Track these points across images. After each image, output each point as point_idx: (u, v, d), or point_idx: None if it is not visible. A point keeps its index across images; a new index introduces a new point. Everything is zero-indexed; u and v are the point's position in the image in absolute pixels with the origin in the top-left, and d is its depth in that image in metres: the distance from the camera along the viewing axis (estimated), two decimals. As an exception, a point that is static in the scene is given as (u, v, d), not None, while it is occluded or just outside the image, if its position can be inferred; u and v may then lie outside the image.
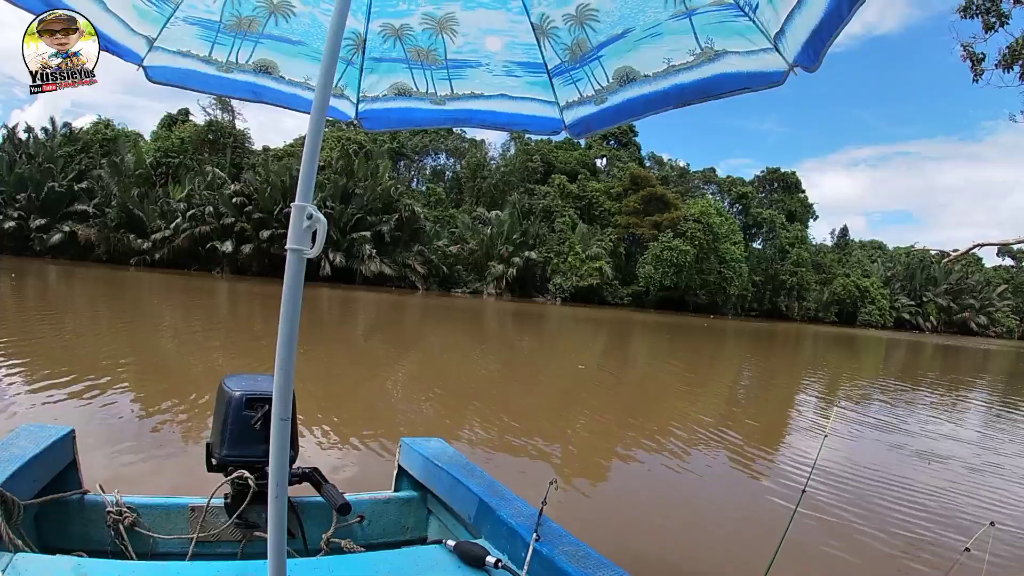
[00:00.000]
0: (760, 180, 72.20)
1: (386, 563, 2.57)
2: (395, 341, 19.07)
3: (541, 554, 2.47)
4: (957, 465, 10.48)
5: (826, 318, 69.14)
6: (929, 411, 16.67)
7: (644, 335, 34.21)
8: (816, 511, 6.97)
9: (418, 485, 3.51)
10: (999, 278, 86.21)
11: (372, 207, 40.08)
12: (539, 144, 57.87)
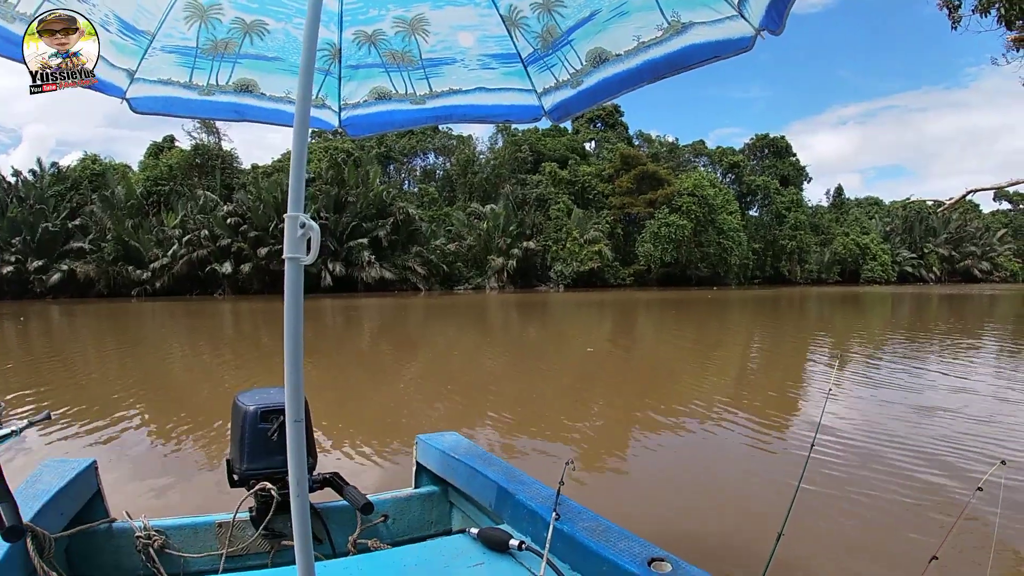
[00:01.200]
0: (750, 148, 72.09)
1: (413, 556, 2.62)
2: (402, 344, 19.15)
3: (562, 532, 2.52)
4: (969, 412, 10.36)
5: (829, 278, 69.22)
6: (938, 361, 16.59)
7: (650, 313, 34.20)
8: (828, 467, 7.02)
9: (438, 479, 3.55)
10: (998, 223, 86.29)
11: (366, 213, 40.17)
12: (526, 134, 57.81)
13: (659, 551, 2.37)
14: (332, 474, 3.08)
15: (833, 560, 5.03)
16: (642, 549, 2.39)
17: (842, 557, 5.12)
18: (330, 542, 3.02)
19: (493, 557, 2.62)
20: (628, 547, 2.42)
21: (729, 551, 4.91)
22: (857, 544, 5.33)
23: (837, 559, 5.07)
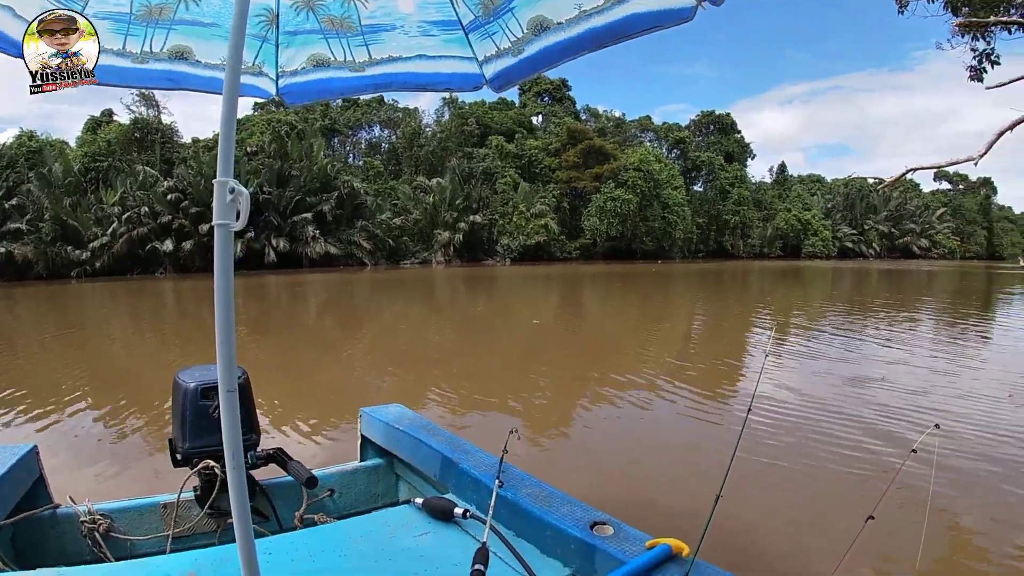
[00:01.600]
0: (696, 124, 73.37)
1: (358, 529, 2.65)
2: (349, 319, 19.26)
3: (506, 499, 2.63)
4: (903, 382, 11.04)
5: (771, 253, 71.48)
6: (876, 333, 17.50)
7: (595, 286, 35.05)
8: (768, 434, 7.47)
9: (383, 452, 3.62)
10: (937, 202, 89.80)
11: (310, 188, 39.87)
12: (473, 107, 57.91)
13: (601, 515, 2.50)
14: (276, 450, 3.07)
15: (772, 521, 5.37)
16: (584, 513, 2.51)
17: (780, 519, 5.47)
18: (276, 518, 3.04)
19: (438, 526, 2.68)
20: (571, 512, 2.53)
21: (670, 514, 5.18)
22: (796, 506, 5.76)
23: (775, 520, 5.40)
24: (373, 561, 2.38)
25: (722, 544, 4.39)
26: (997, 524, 5.40)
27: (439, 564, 2.38)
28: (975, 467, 6.55)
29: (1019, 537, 5.15)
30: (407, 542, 2.54)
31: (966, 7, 14.88)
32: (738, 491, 5.38)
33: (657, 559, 2.17)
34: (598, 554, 2.31)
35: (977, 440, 7.45)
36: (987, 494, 6.00)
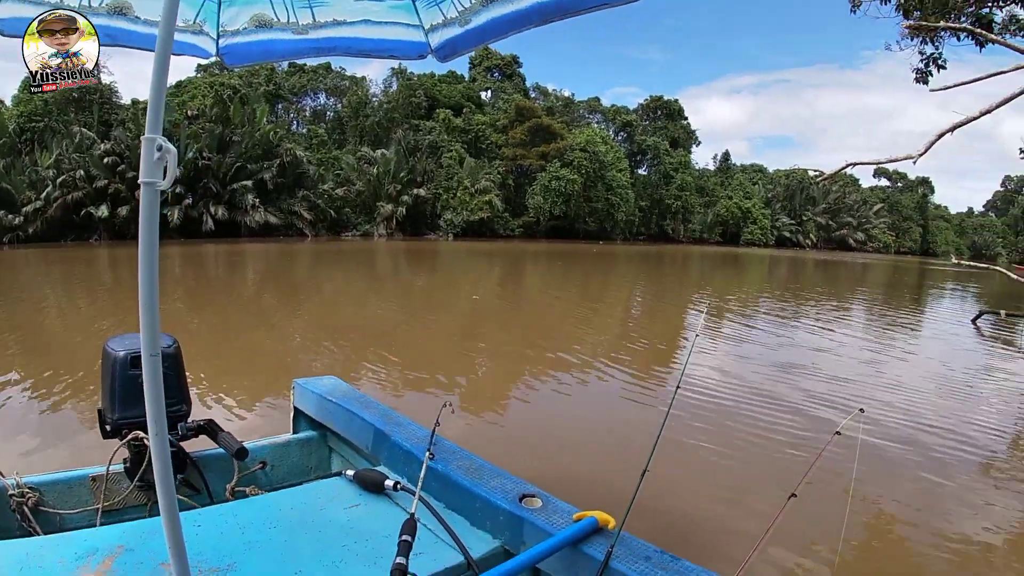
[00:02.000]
0: (644, 108, 74.42)
1: (288, 501, 2.65)
2: (288, 291, 19.08)
3: (436, 471, 2.70)
4: (832, 367, 11.67)
5: (711, 238, 73.30)
6: (808, 320, 18.51)
7: (537, 264, 35.73)
8: (697, 414, 7.75)
9: (316, 424, 3.63)
10: (876, 198, 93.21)
11: (252, 154, 39.31)
12: (422, 79, 57.76)
13: (531, 488, 2.58)
14: (207, 421, 3.04)
15: (698, 497, 5.59)
16: (514, 486, 2.59)
17: (707, 495, 5.70)
18: (208, 491, 3.01)
19: (369, 498, 2.71)
20: (500, 484, 2.60)
21: (599, 488, 5.33)
22: (722, 484, 5.97)
23: (702, 497, 5.64)
24: (303, 533, 2.39)
25: (648, 518, 4.62)
26: (914, 508, 5.70)
27: (369, 536, 2.40)
28: (898, 452, 6.97)
29: (936, 521, 5.48)
30: (337, 514, 2.56)
31: (918, 11, 15.47)
32: (666, 468, 5.65)
33: (584, 531, 2.28)
34: (526, 526, 2.40)
35: (900, 427, 7.90)
36: (908, 479, 6.38)
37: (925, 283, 41.84)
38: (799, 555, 4.69)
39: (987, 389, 11.03)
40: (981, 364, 13.55)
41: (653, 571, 2.12)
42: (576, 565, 2.27)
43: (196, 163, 35.79)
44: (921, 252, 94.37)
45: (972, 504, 6.01)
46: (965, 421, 8.61)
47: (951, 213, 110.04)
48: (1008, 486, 6.59)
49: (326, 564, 2.20)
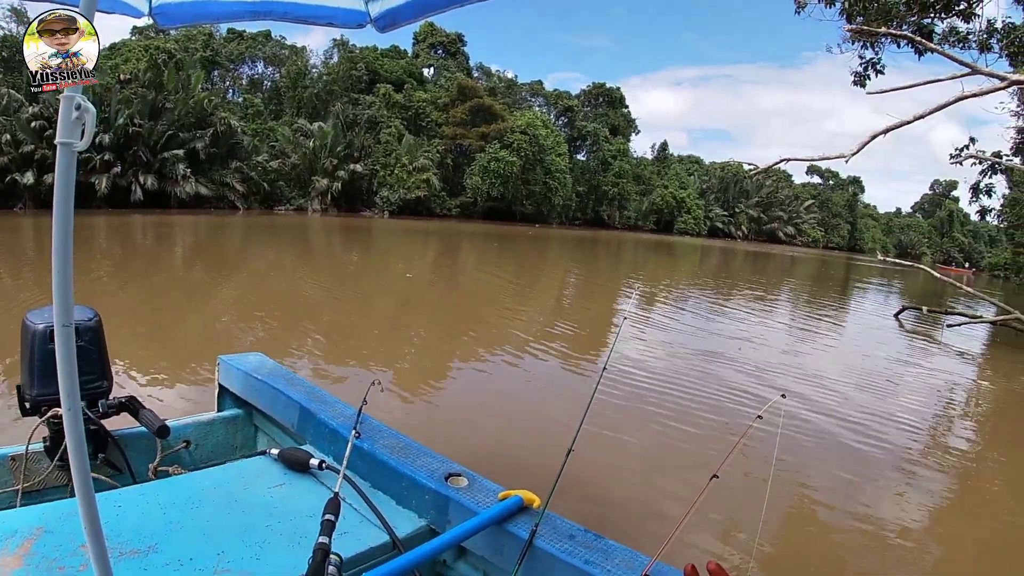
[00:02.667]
0: (586, 94, 75.73)
1: (211, 480, 2.61)
2: (218, 266, 18.88)
3: (362, 450, 2.68)
4: (756, 353, 12.18)
5: (645, 226, 75.30)
6: (736, 308, 19.48)
7: (473, 245, 36.14)
8: (626, 397, 7.92)
9: (241, 402, 3.58)
10: (807, 194, 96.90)
11: (185, 122, 38.57)
12: (364, 52, 57.41)
13: (457, 467, 2.60)
14: (128, 398, 2.98)
15: (623, 477, 5.73)
16: (440, 465, 2.60)
17: (631, 476, 5.83)
18: (130, 471, 2.94)
19: (294, 477, 2.68)
20: (427, 463, 2.61)
21: (526, 467, 5.45)
22: (646, 465, 6.13)
23: (626, 477, 5.77)
24: (225, 513, 2.36)
25: (574, 497, 4.78)
26: (832, 492, 5.95)
27: (292, 515, 2.39)
28: (818, 439, 7.29)
29: (854, 505, 5.70)
30: (261, 493, 2.54)
31: (861, 16, 16.31)
32: (592, 448, 5.90)
33: (509, 510, 2.30)
34: (452, 505, 2.42)
35: (822, 414, 8.27)
36: (828, 463, 6.67)
37: (851, 278, 43.97)
38: (721, 534, 4.83)
39: (906, 381, 11.60)
40: (902, 357, 14.24)
41: (577, 549, 2.17)
42: (501, 543, 2.32)
43: (127, 130, 35.04)
44: (848, 248, 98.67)
45: (888, 489, 6.34)
46: (884, 409, 9.11)
47: (879, 212, 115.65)
48: (921, 473, 6.92)
49: (249, 544, 2.19)
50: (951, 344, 16.75)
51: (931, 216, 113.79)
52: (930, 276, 21.75)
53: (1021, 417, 10.76)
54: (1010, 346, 17.59)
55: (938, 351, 15.85)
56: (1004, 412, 11.01)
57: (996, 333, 20.00)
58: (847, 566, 4.96)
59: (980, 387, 12.54)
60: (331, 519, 2.01)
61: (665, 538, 1.92)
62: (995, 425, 10.10)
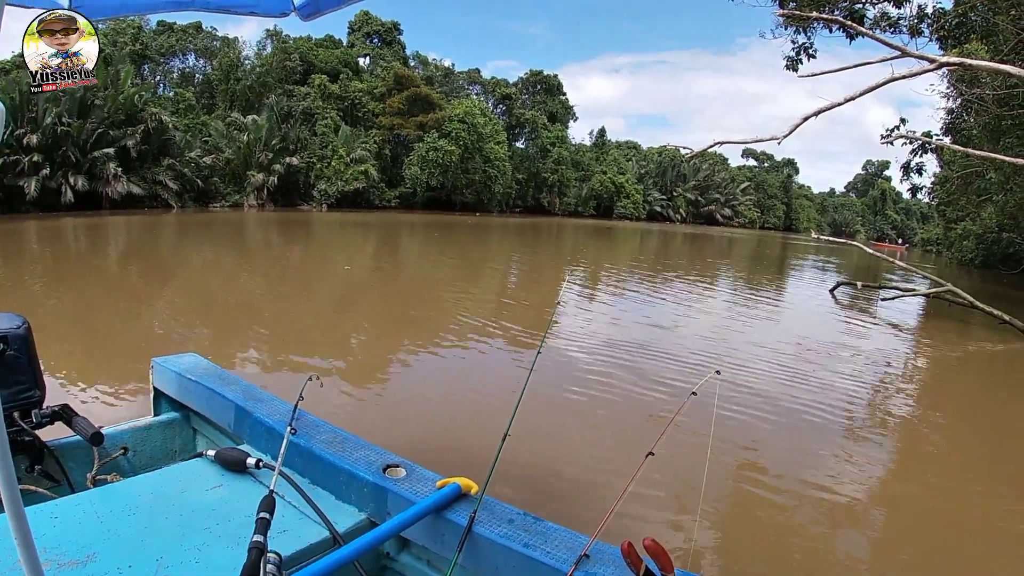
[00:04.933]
0: (524, 82, 76.88)
1: (148, 486, 2.60)
2: (153, 267, 18.55)
3: (299, 446, 2.70)
4: (692, 332, 12.52)
5: (585, 212, 76.97)
6: (673, 289, 20.12)
7: (413, 235, 36.43)
8: (562, 377, 8.12)
9: (178, 405, 3.54)
10: (743, 176, 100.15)
11: (115, 119, 37.79)
12: (298, 42, 57.28)
13: (395, 458, 2.63)
14: (61, 407, 2.96)
15: (561, 459, 5.80)
16: (377, 457, 2.63)
17: (569, 456, 5.89)
18: (68, 481, 2.93)
19: (231, 478, 2.69)
20: (364, 456, 2.63)
21: (464, 454, 5.53)
22: (584, 445, 6.21)
23: (565, 458, 5.83)
24: (164, 518, 2.37)
25: (513, 482, 4.87)
26: (773, 464, 6.11)
27: (231, 516, 2.40)
28: (757, 413, 7.43)
29: (791, 475, 5.89)
30: (199, 496, 2.54)
31: (793, 1, 17.10)
32: (530, 432, 5.97)
33: (447, 498, 2.34)
34: (391, 496, 2.44)
35: (760, 389, 8.46)
36: (767, 437, 6.80)
37: (788, 257, 45.59)
38: (663, 511, 4.96)
39: (842, 354, 11.95)
40: (838, 331, 14.82)
41: (516, 533, 2.21)
42: (440, 531, 2.34)
43: (55, 129, 34.43)
44: (784, 228, 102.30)
45: (829, 458, 6.53)
46: (822, 382, 9.42)
47: (814, 193, 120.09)
48: (861, 441, 7.20)
49: (188, 548, 2.20)
50: (886, 317, 17.51)
51: (864, 195, 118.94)
52: (864, 253, 22.63)
53: (956, 383, 11.34)
54: (943, 317, 18.25)
55: (873, 324, 16.49)
56: (941, 379, 11.59)
57: (930, 305, 20.74)
58: (792, 535, 5.10)
59: (915, 357, 13.12)
60: (266, 517, 2.04)
61: (604, 517, 2.04)
62: (931, 392, 10.55)
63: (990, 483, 6.61)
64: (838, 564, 4.85)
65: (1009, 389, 11.25)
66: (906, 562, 4.98)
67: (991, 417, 9.27)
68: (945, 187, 31.03)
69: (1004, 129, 17.54)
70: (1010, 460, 7.39)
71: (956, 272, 39.96)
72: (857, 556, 4.98)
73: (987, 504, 6.03)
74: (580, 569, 2.02)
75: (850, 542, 5.17)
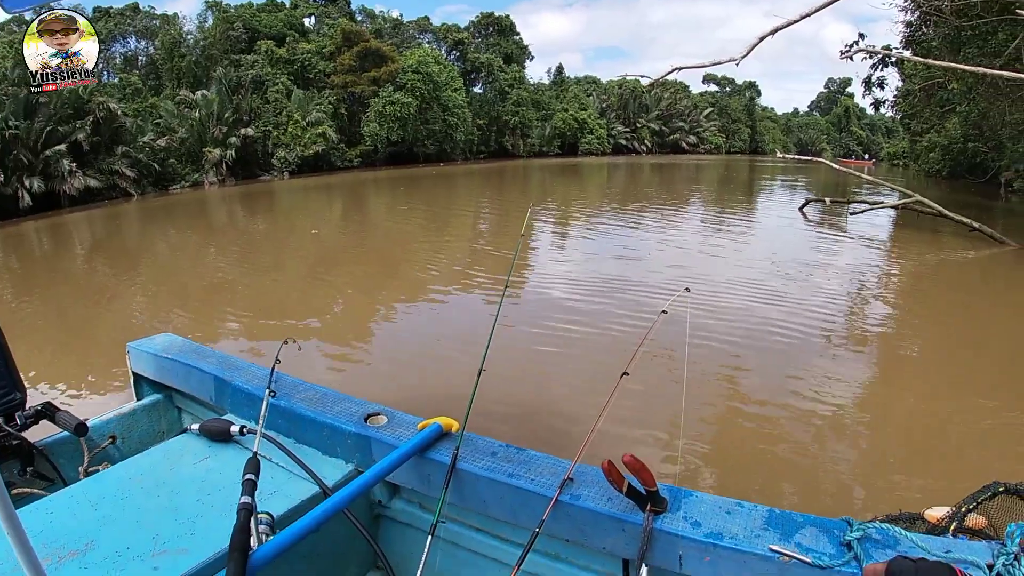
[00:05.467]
0: (475, 26, 75.68)
1: (137, 468, 2.64)
2: (120, 259, 18.58)
3: (279, 407, 2.78)
4: (660, 256, 12.84)
5: (550, 151, 76.87)
6: (642, 217, 20.82)
7: (379, 192, 37.47)
8: (536, 309, 8.42)
9: (159, 386, 3.58)
10: (705, 103, 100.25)
11: (62, 115, 37.44)
12: (239, 10, 56.15)
13: (375, 406, 2.73)
14: (43, 405, 2.99)
15: (540, 389, 5.98)
16: (358, 408, 2.73)
17: (547, 384, 6.07)
18: (61, 478, 2.95)
19: (218, 448, 2.75)
20: (345, 408, 2.73)
21: (446, 397, 5.63)
22: (562, 372, 6.43)
23: (543, 387, 6.01)
24: (155, 497, 2.41)
25: (495, 418, 4.98)
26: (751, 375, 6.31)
27: (221, 485, 2.45)
28: (729, 332, 7.68)
29: (770, 386, 6.04)
30: (188, 470, 2.58)
31: None
32: (509, 368, 6.17)
33: (429, 438, 2.41)
34: (374, 443, 2.50)
35: (732, 308, 8.77)
36: (741, 353, 7.03)
37: (755, 179, 46.46)
38: (645, 429, 5.07)
39: (815, 269, 12.43)
40: (809, 246, 15.47)
41: (499, 465, 2.27)
42: (426, 472, 2.41)
43: (2, 134, 34.17)
44: (751, 152, 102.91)
45: (811, 369, 6.69)
46: (797, 299, 9.78)
47: (778, 114, 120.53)
48: (840, 351, 7.45)
49: (182, 522, 2.24)
50: (857, 231, 18.32)
51: (828, 113, 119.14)
52: (832, 170, 23.10)
53: (930, 291, 11.88)
54: (912, 227, 18.95)
55: (845, 239, 17.23)
56: (916, 288, 12.10)
57: (900, 217, 21.48)
58: (779, 443, 5.24)
59: (888, 268, 13.68)
60: (251, 479, 2.05)
61: (584, 440, 2.12)
62: (908, 301, 11.10)
63: (972, 384, 6.92)
64: (829, 471, 5.00)
65: (982, 294, 11.73)
66: (895, 460, 5.21)
67: (971, 322, 9.66)
68: (908, 100, 31.62)
69: (964, 40, 17.79)
70: (990, 361, 7.75)
71: (924, 184, 40.79)
72: (846, 461, 5.15)
73: (969, 404, 6.31)
74: (565, 492, 2.13)
75: (838, 449, 5.33)
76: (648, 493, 1.99)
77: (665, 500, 2.04)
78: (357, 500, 2.27)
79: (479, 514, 2.36)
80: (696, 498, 2.12)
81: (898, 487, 4.82)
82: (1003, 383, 6.92)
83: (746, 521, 1.98)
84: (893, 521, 2.07)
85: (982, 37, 16.73)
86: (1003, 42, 15.36)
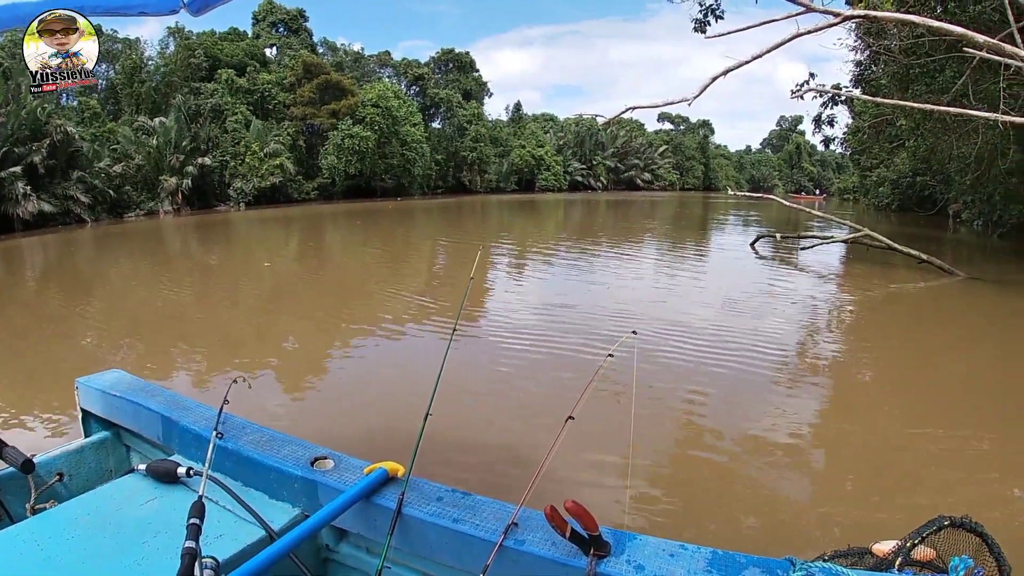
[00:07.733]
0: (436, 61, 77.59)
1: (83, 508, 2.64)
2: (72, 288, 18.18)
3: (226, 449, 2.78)
4: (610, 296, 12.84)
5: (507, 187, 78.49)
6: (599, 255, 21.14)
7: (336, 226, 37.15)
8: (483, 352, 8.40)
9: (107, 423, 3.53)
10: (660, 140, 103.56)
11: (19, 136, 37.11)
12: (201, 37, 56.53)
13: (322, 450, 2.74)
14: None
15: (486, 432, 5.89)
16: (305, 451, 2.74)
17: (492, 429, 5.96)
18: (7, 514, 2.94)
19: (165, 489, 2.75)
20: (292, 452, 2.74)
21: (390, 439, 5.62)
22: (509, 416, 6.33)
23: (489, 431, 5.92)
24: (100, 539, 2.39)
25: (440, 460, 4.88)
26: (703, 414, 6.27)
27: (167, 527, 2.44)
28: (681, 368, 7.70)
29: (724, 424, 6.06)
30: (134, 512, 2.56)
31: None
32: (456, 410, 6.12)
33: (374, 483, 2.43)
34: (321, 488, 2.51)
35: (687, 346, 8.80)
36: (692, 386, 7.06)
37: (709, 215, 47.71)
38: (593, 473, 5.02)
39: (766, 303, 12.54)
40: (760, 282, 15.70)
41: (444, 510, 2.28)
42: (372, 517, 2.41)
43: None
44: (704, 188, 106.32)
45: (763, 403, 6.69)
46: (750, 333, 9.83)
47: (731, 151, 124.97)
48: (793, 383, 7.49)
49: (127, 564, 2.22)
50: (808, 265, 18.79)
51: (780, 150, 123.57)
52: (783, 206, 23.56)
53: (878, 321, 12.14)
54: (863, 260, 19.39)
55: (796, 272, 17.65)
56: (867, 320, 12.35)
57: (850, 250, 21.95)
58: (731, 480, 5.21)
59: (840, 301, 13.97)
60: (196, 523, 2.04)
61: (528, 485, 2.11)
62: (858, 330, 11.33)
63: (927, 413, 6.98)
64: (784, 504, 4.98)
65: (933, 322, 12.14)
66: (850, 493, 5.22)
67: (922, 351, 9.89)
68: (858, 136, 33.01)
69: (912, 77, 18.22)
70: (942, 389, 7.87)
71: (874, 217, 42.20)
72: (801, 494, 5.17)
73: (923, 432, 6.37)
74: (510, 537, 2.12)
75: (792, 483, 5.33)
76: (591, 537, 2.02)
77: (608, 544, 2.07)
78: (304, 544, 2.33)
79: (425, 559, 2.41)
80: (639, 541, 2.16)
81: (850, 519, 4.89)
82: (956, 410, 7.13)
83: (689, 563, 2.03)
84: (842, 556, 2.16)
85: (930, 74, 17.28)
86: (950, 79, 15.85)
